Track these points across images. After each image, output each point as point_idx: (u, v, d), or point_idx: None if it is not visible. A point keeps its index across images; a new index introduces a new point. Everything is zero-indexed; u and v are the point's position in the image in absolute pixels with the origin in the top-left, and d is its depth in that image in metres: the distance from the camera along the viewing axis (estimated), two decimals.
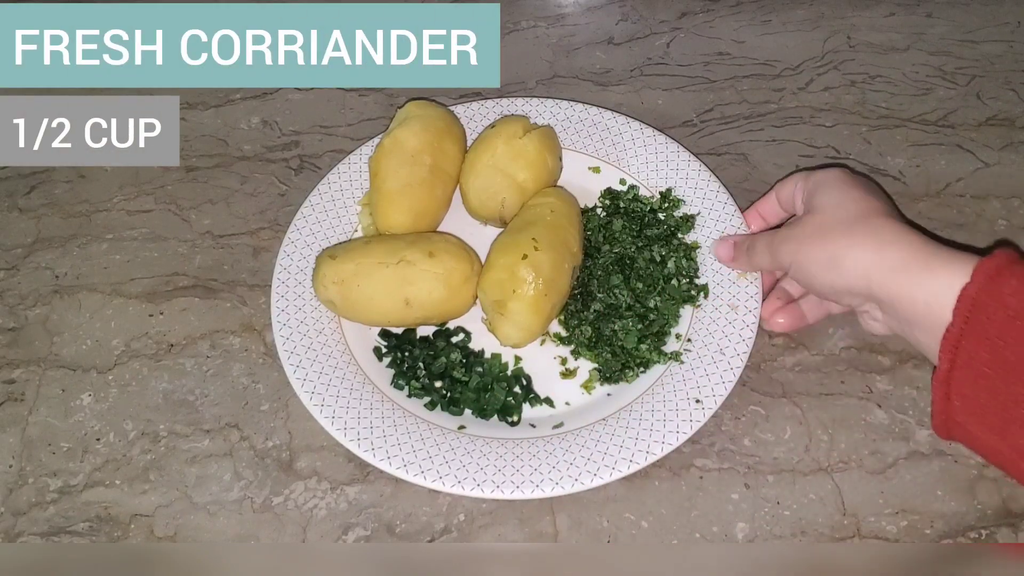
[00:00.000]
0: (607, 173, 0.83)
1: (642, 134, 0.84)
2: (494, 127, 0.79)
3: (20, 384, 0.74)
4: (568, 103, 0.87)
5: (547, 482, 0.63)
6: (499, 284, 0.70)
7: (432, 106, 0.80)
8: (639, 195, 0.81)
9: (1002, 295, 0.52)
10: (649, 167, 0.82)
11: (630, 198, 0.80)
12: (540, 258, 0.69)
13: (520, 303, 0.69)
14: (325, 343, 0.72)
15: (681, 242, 0.77)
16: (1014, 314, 0.51)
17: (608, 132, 0.85)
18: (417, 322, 0.73)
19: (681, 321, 0.73)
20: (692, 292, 0.74)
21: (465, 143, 0.81)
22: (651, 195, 0.81)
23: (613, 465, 0.64)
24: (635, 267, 0.75)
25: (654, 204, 0.80)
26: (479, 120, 0.86)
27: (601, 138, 0.85)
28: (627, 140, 0.84)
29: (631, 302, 0.73)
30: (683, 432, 0.65)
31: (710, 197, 0.79)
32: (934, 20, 0.99)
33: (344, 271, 0.71)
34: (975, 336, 0.52)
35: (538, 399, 0.71)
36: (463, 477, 0.64)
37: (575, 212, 0.75)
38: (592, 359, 0.72)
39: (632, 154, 0.83)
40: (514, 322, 0.70)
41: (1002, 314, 0.51)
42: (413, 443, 0.66)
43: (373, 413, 0.68)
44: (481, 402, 0.70)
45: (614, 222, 0.78)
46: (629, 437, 0.66)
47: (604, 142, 0.84)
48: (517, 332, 0.70)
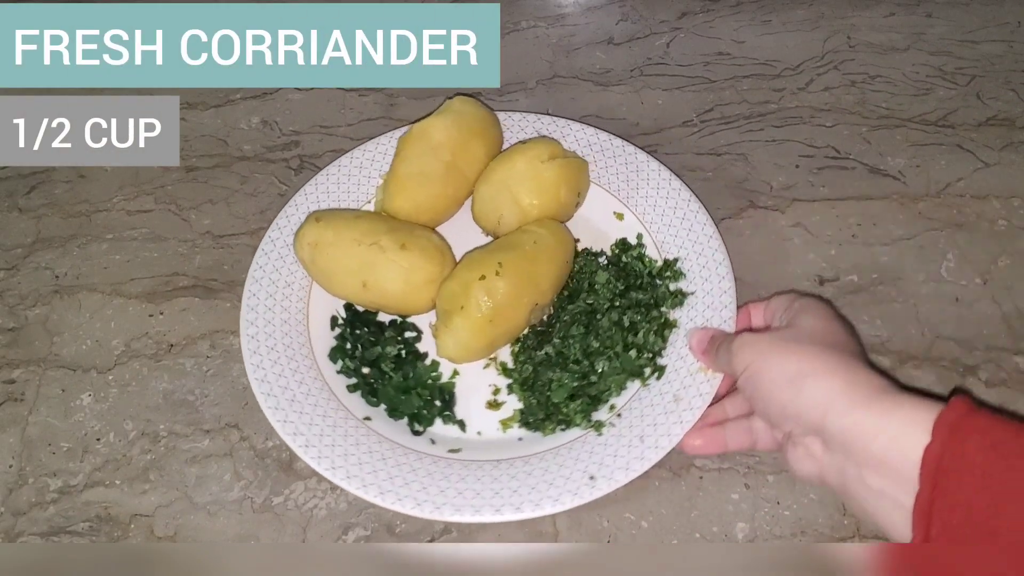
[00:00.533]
0: (629, 222, 0.79)
1: (676, 193, 0.79)
2: (526, 143, 0.77)
3: (20, 384, 0.74)
4: (622, 142, 0.83)
5: (409, 500, 0.63)
6: (452, 296, 0.69)
7: (475, 106, 0.79)
8: (644, 255, 0.77)
9: (966, 452, 0.49)
10: (669, 228, 0.78)
11: (634, 255, 0.77)
12: (497, 284, 0.68)
13: (464, 320, 0.68)
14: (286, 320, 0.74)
15: (662, 316, 0.72)
16: (981, 473, 0.49)
17: (640, 179, 0.81)
18: (373, 307, 0.74)
19: (624, 394, 0.69)
20: (645, 369, 0.70)
21: (498, 149, 0.80)
22: (658, 259, 0.77)
23: (478, 508, 0.62)
24: (599, 325, 0.72)
25: (655, 269, 0.76)
26: (527, 131, 0.84)
27: (634, 184, 0.81)
28: (656, 193, 0.80)
29: (580, 357, 0.70)
30: (560, 502, 0.62)
31: (712, 281, 0.73)
32: (934, 20, 0.99)
33: (321, 236, 0.72)
34: (946, 503, 0.49)
35: (452, 419, 0.70)
36: (338, 465, 0.64)
37: (562, 251, 0.73)
38: (521, 399, 0.71)
39: (657, 209, 0.79)
40: (454, 337, 0.69)
41: (968, 476, 0.48)
42: (319, 423, 0.67)
43: (293, 379, 0.70)
44: (396, 401, 0.70)
45: (599, 274, 0.74)
46: (507, 488, 0.64)
47: (634, 187, 0.81)
48: (454, 347, 0.69)
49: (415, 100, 0.93)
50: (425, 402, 0.70)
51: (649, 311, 0.72)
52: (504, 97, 0.93)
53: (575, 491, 0.63)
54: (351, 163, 0.82)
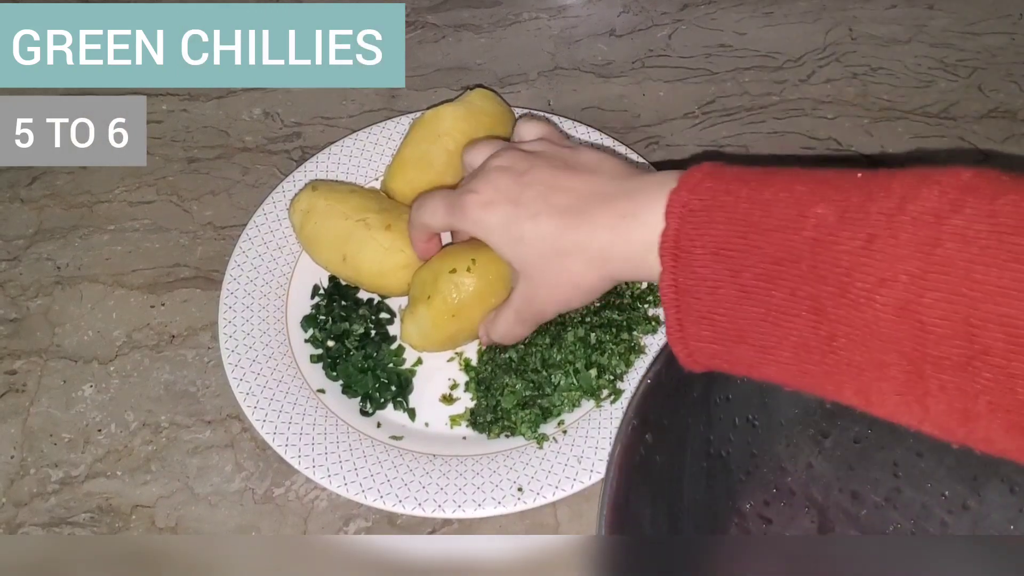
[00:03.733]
0: None
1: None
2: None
3: (22, 375, 0.74)
4: (626, 148, 0.81)
5: (338, 478, 0.64)
6: (422, 284, 0.69)
7: (491, 100, 0.78)
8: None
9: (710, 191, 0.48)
10: None
11: None
12: (466, 280, 0.67)
13: (428, 311, 0.67)
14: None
15: (632, 339, 0.71)
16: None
17: None
18: (351, 281, 0.75)
19: (576, 412, 0.68)
20: (603, 390, 0.69)
21: None
22: (642, 283, 0.74)
23: (402, 499, 0.63)
24: (564, 338, 0.70)
25: (636, 291, 0.73)
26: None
27: None
28: None
29: (539, 367, 0.69)
30: (483, 508, 0.63)
31: None
32: (936, 12, 0.99)
33: (313, 205, 0.73)
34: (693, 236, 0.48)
35: (404, 406, 0.70)
36: (280, 431, 0.67)
37: None
38: (474, 398, 0.70)
39: None
40: (417, 325, 0.69)
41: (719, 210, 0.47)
42: (273, 387, 0.69)
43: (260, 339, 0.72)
44: (353, 379, 0.71)
45: None
46: (436, 484, 0.64)
47: None
48: (416, 334, 0.69)
49: (416, 92, 0.93)
50: (381, 385, 0.71)
51: (619, 333, 0.71)
52: (506, 89, 0.93)
53: (500, 500, 0.63)
54: (360, 141, 0.84)
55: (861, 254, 0.41)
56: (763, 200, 0.46)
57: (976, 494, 0.59)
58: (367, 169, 0.82)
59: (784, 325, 0.45)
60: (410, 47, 0.97)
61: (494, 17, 1.00)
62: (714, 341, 0.48)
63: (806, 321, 0.44)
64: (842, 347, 0.43)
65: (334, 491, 0.64)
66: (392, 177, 0.77)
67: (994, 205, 0.39)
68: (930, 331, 0.39)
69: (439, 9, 1.01)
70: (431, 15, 1.01)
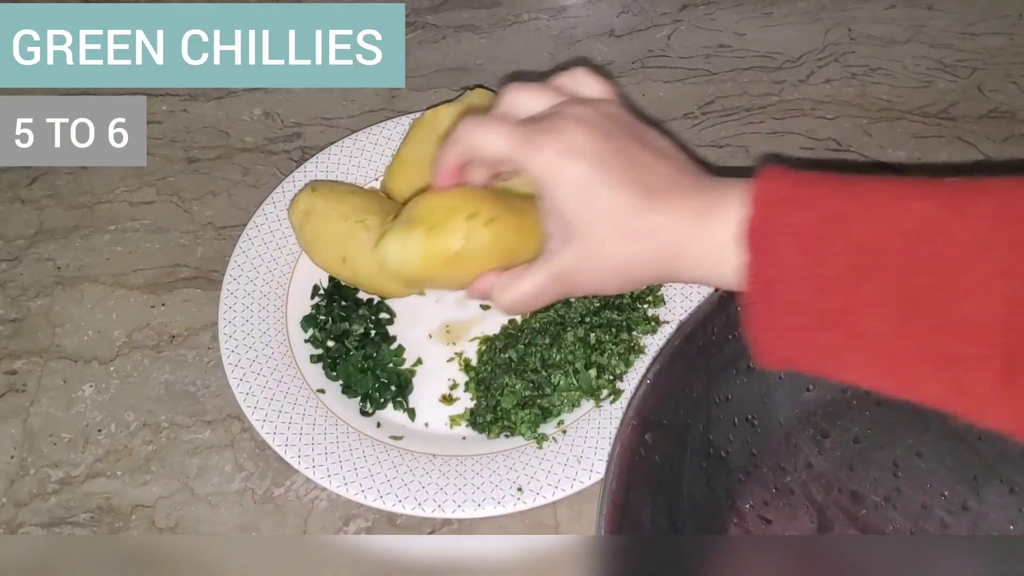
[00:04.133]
0: None
1: None
2: None
3: (22, 375, 0.74)
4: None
5: (338, 478, 0.64)
6: (429, 208, 0.55)
7: (490, 100, 0.78)
8: None
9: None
10: None
11: None
12: (482, 233, 0.54)
13: (423, 241, 0.53)
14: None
15: (631, 340, 0.71)
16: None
17: None
18: (350, 282, 0.74)
19: (576, 412, 0.68)
20: (603, 391, 0.69)
21: None
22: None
23: (401, 498, 0.63)
24: (564, 338, 0.70)
25: (636, 291, 0.73)
26: None
27: None
28: None
29: (538, 367, 0.69)
30: (483, 508, 0.63)
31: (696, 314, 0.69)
32: (935, 12, 0.99)
33: (313, 205, 0.72)
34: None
35: (403, 406, 0.70)
36: (279, 431, 0.67)
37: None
38: (474, 398, 0.70)
39: None
40: (402, 247, 0.54)
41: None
42: (273, 387, 0.69)
43: (260, 339, 0.72)
44: (353, 379, 0.71)
45: None
46: (435, 484, 0.64)
47: None
48: (395, 256, 0.54)
49: (416, 92, 0.93)
50: (381, 385, 0.71)
51: (619, 333, 0.70)
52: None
53: (499, 500, 0.63)
54: (360, 141, 0.84)
55: (974, 247, 0.42)
56: (853, 192, 0.46)
57: (976, 494, 0.59)
58: (367, 169, 0.82)
59: (874, 316, 0.44)
60: (410, 47, 0.97)
61: (494, 18, 1.00)
62: (802, 329, 0.46)
63: (897, 311, 0.43)
64: (936, 340, 0.42)
65: (334, 491, 0.64)
66: (392, 177, 0.77)
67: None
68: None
69: (439, 9, 1.02)
70: (431, 15, 1.01)
